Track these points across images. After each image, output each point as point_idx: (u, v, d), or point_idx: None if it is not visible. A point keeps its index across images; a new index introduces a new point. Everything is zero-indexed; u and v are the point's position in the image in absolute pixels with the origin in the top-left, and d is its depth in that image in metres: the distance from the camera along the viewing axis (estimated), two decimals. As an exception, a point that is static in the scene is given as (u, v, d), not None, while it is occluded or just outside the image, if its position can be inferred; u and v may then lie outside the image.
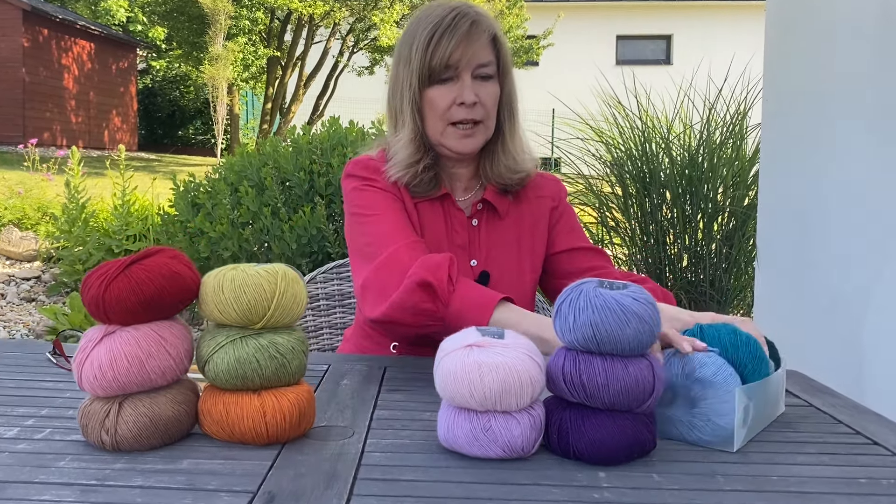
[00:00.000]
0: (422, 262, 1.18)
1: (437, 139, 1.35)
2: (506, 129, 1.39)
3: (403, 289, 1.16)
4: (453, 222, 1.39)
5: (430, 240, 1.36)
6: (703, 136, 4.36)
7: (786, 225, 2.57)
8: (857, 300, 2.09)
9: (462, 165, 1.41)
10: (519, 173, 1.40)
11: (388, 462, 0.83)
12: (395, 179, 1.35)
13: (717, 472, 0.82)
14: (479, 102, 1.32)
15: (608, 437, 0.82)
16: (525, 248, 1.42)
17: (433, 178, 1.37)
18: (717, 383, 0.89)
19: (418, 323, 1.18)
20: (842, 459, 0.88)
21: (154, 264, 0.85)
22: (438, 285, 1.15)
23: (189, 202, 3.66)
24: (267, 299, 0.85)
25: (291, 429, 0.87)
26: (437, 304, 1.15)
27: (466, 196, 1.42)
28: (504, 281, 1.38)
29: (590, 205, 4.64)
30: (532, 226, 1.44)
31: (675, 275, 4.38)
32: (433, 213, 1.39)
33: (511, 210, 1.43)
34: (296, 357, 0.88)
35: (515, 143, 1.40)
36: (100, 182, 6.59)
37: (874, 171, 2.02)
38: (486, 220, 1.41)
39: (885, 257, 1.97)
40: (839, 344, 2.17)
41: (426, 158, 1.35)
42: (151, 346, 0.83)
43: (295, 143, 3.62)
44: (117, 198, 5.05)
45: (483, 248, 1.40)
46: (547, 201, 1.46)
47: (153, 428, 0.84)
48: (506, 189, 1.42)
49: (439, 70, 1.31)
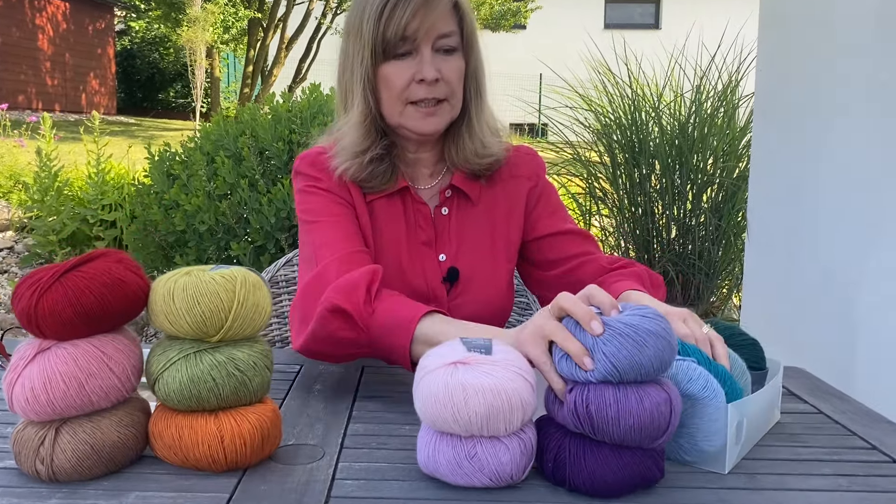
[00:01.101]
0: (336, 286, 1.05)
1: (395, 120, 1.21)
2: (472, 109, 1.25)
3: (317, 318, 1.04)
4: (416, 217, 1.26)
5: (389, 241, 1.24)
6: (693, 106, 4.26)
7: (777, 197, 2.49)
8: (850, 274, 2.03)
9: (425, 149, 1.28)
10: (487, 158, 1.26)
11: (360, 492, 0.74)
12: (340, 172, 1.21)
13: (727, 503, 0.74)
14: (442, 79, 1.18)
15: (610, 474, 0.73)
16: (500, 236, 1.30)
17: (387, 170, 1.23)
18: (705, 400, 0.80)
19: (342, 352, 1.06)
20: (860, 482, 0.80)
21: (94, 271, 0.75)
22: (354, 310, 1.02)
23: (164, 172, 3.52)
24: (224, 309, 0.76)
25: (253, 454, 0.77)
26: (357, 331, 1.02)
27: (433, 183, 1.29)
28: (477, 275, 1.27)
29: (577, 175, 4.54)
30: (508, 210, 1.31)
31: (662, 246, 4.31)
32: (391, 210, 1.25)
33: (484, 194, 1.30)
34: (258, 374, 0.78)
35: (482, 125, 1.26)
36: (75, 148, 6.39)
37: (872, 143, 1.94)
38: (457, 207, 1.28)
39: (879, 231, 1.90)
40: (829, 318, 2.12)
41: (376, 147, 1.21)
42: (92, 365, 0.74)
43: (274, 111, 3.48)
44: (91, 166, 4.89)
45: (453, 241, 1.27)
46: (523, 181, 1.33)
47: (95, 456, 0.74)
48: (475, 173, 1.29)
49: (395, 43, 1.16)
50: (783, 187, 2.45)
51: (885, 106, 1.88)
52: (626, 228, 4.40)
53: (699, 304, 4.17)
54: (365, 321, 1.02)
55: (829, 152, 2.15)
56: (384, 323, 1.01)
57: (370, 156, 1.20)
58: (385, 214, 1.25)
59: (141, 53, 20.11)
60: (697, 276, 4.17)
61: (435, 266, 1.26)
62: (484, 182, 1.30)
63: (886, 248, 1.88)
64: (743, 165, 4.15)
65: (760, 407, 0.89)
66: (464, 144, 1.25)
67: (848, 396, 1.09)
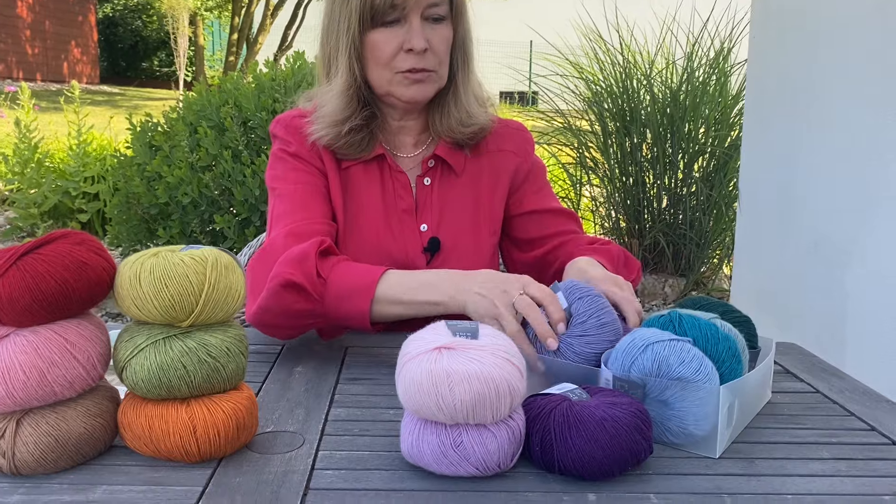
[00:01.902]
0: (286, 258, 1.04)
1: (384, 89, 1.18)
2: (459, 79, 1.23)
3: (268, 292, 1.02)
4: (394, 186, 1.23)
5: (366, 208, 1.21)
6: (685, 73, 4.20)
7: (770, 165, 2.46)
8: (842, 245, 2.01)
9: (410, 117, 1.25)
10: (471, 127, 1.24)
11: (341, 484, 0.70)
12: (315, 139, 1.19)
13: (724, 490, 0.71)
14: (431, 49, 1.15)
15: (599, 450, 0.70)
16: (483, 208, 1.27)
17: (363, 139, 1.20)
18: (697, 383, 0.76)
19: (297, 325, 1.06)
20: (860, 466, 0.77)
21: (54, 253, 0.70)
22: (306, 281, 1.01)
23: (146, 143, 3.44)
24: (194, 293, 0.71)
25: (228, 444, 0.74)
26: (312, 302, 1.02)
27: (416, 152, 1.26)
28: (459, 247, 1.24)
29: (568, 144, 4.48)
30: (492, 183, 1.28)
31: (653, 217, 4.28)
32: (367, 177, 1.22)
33: (468, 166, 1.27)
34: (232, 360, 0.74)
35: (469, 94, 1.24)
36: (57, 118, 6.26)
37: (868, 110, 1.90)
38: (440, 178, 1.25)
39: (874, 201, 1.87)
40: (821, 289, 2.10)
41: (357, 117, 1.18)
42: (54, 353, 0.69)
43: (257, 80, 3.40)
44: (73, 137, 4.79)
45: (435, 211, 1.24)
46: (510, 156, 1.30)
47: (60, 449, 0.70)
48: (459, 143, 1.26)
49: (383, 10, 1.13)
50: (776, 156, 2.42)
51: (883, 73, 1.84)
52: (616, 199, 4.36)
53: (690, 274, 4.15)
54: (319, 291, 1.02)
55: (824, 120, 2.11)
56: (339, 291, 1.02)
57: (349, 126, 1.18)
58: (361, 181, 1.22)
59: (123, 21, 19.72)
60: (688, 247, 4.14)
61: (416, 236, 1.23)
62: (468, 153, 1.27)
63: (881, 218, 1.85)
64: (735, 134, 4.11)
65: (752, 388, 0.86)
66: (449, 113, 1.23)
67: (844, 374, 1.07)
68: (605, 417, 0.70)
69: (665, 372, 0.76)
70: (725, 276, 4.31)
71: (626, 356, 0.77)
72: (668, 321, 0.82)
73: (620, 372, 0.78)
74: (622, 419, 0.70)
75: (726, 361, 0.78)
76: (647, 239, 4.22)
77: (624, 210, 4.34)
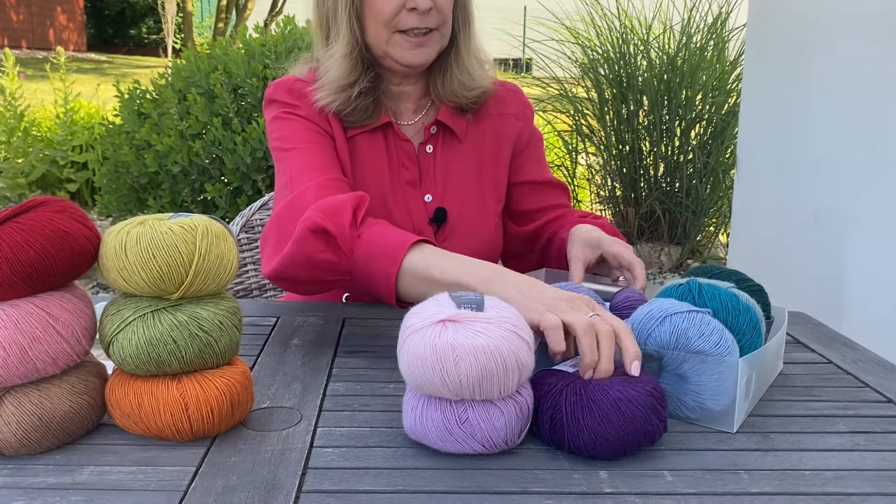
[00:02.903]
0: (319, 205, 0.96)
1: (381, 49, 1.12)
2: (460, 39, 1.18)
3: (295, 238, 0.94)
4: (399, 155, 1.18)
5: (371, 179, 1.16)
6: (683, 39, 4.13)
7: (769, 132, 2.42)
8: (841, 213, 1.97)
9: (409, 82, 1.20)
10: (474, 90, 1.19)
11: (341, 463, 0.67)
12: (323, 105, 1.13)
13: (740, 467, 0.68)
14: (435, 7, 1.09)
15: (612, 431, 0.67)
16: (487, 175, 1.23)
17: (371, 104, 1.15)
18: (717, 357, 0.73)
19: (318, 278, 0.97)
20: (878, 440, 0.75)
21: (33, 222, 0.66)
22: (338, 231, 0.93)
23: (134, 111, 3.37)
24: (184, 264, 0.67)
25: (222, 422, 0.70)
26: (339, 255, 0.94)
27: (416, 118, 1.21)
28: (465, 216, 1.20)
29: (564, 111, 4.42)
30: (495, 148, 1.24)
31: (649, 184, 4.23)
32: (373, 146, 1.17)
33: (471, 130, 1.23)
34: (225, 334, 0.70)
35: (470, 55, 1.19)
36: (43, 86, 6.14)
37: (867, 75, 1.86)
38: (443, 145, 1.21)
39: (874, 168, 1.84)
40: (819, 257, 2.08)
41: (364, 80, 1.13)
42: (36, 328, 0.65)
43: (247, 45, 3.32)
44: (59, 105, 4.69)
45: (439, 180, 1.20)
46: (511, 120, 1.26)
47: (44, 428, 0.67)
48: (462, 108, 1.21)
49: None
50: (774, 122, 2.37)
51: (883, 36, 1.79)
52: (612, 166, 4.32)
53: (685, 242, 4.12)
54: (348, 245, 0.93)
55: (823, 85, 2.07)
56: (370, 249, 0.93)
57: (358, 89, 1.12)
58: (366, 151, 1.17)
59: (110, -14, 19.34)
60: (684, 214, 4.11)
61: (421, 207, 1.18)
62: (470, 117, 1.23)
63: (881, 183, 1.82)
64: (732, 101, 4.05)
65: (769, 359, 0.83)
66: (451, 76, 1.18)
67: (856, 343, 1.04)
68: (619, 398, 0.67)
69: (683, 345, 0.72)
70: (721, 244, 4.28)
71: (642, 328, 0.74)
72: (686, 290, 0.78)
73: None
74: (637, 399, 0.67)
75: (747, 334, 0.75)
76: (643, 207, 4.18)
77: (620, 178, 4.30)
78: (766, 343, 0.81)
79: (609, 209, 4.44)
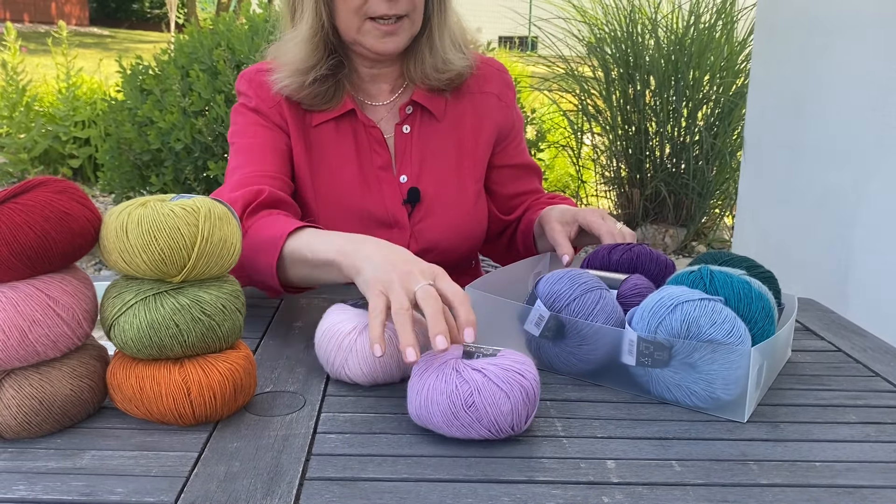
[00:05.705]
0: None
1: (351, 37, 1.11)
2: (434, 22, 1.15)
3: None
4: (369, 141, 1.17)
5: (339, 167, 1.15)
6: (691, 18, 4.07)
7: (777, 113, 2.39)
8: (849, 196, 1.95)
9: (383, 65, 1.18)
10: (446, 73, 1.17)
11: (345, 449, 0.66)
12: (278, 89, 1.12)
13: (749, 457, 0.67)
14: None
15: None
16: (467, 154, 1.22)
17: (329, 90, 1.14)
18: (729, 346, 0.71)
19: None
20: (890, 432, 0.74)
21: (33, 202, 0.64)
22: None
23: (137, 87, 3.34)
24: (186, 246, 0.66)
25: (224, 406, 0.69)
26: None
27: (392, 98, 1.20)
28: (442, 196, 1.19)
29: (569, 91, 4.38)
30: (475, 127, 1.22)
31: (655, 165, 4.20)
32: (339, 135, 1.16)
33: (450, 109, 1.21)
34: (228, 318, 0.69)
35: (445, 40, 1.17)
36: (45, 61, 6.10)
37: (878, 56, 1.83)
38: (420, 125, 1.20)
39: (884, 150, 1.81)
40: (826, 240, 2.06)
41: (322, 66, 1.11)
42: (36, 310, 0.64)
43: (250, 21, 3.28)
44: (61, 80, 4.66)
45: (415, 160, 1.18)
46: (492, 99, 1.24)
47: (45, 412, 0.66)
48: (437, 89, 1.20)
49: None
50: (783, 103, 2.34)
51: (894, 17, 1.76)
52: (618, 147, 4.28)
53: (690, 224, 4.10)
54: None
55: (834, 68, 2.04)
56: (253, 242, 0.94)
57: (314, 76, 1.11)
58: (332, 139, 1.16)
59: (112, -40, 19.17)
60: (690, 196, 4.08)
61: (395, 188, 1.18)
62: (449, 96, 1.21)
63: (890, 166, 1.79)
64: (741, 82, 4.01)
65: (779, 348, 0.82)
66: (423, 60, 1.17)
67: (865, 331, 1.03)
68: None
69: (694, 333, 0.71)
70: (727, 226, 4.26)
71: (652, 316, 0.73)
72: (697, 278, 0.76)
73: (646, 333, 0.73)
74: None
75: (759, 322, 0.73)
76: (648, 188, 4.15)
77: (625, 159, 4.27)
78: (779, 331, 0.80)
79: (614, 190, 4.41)
